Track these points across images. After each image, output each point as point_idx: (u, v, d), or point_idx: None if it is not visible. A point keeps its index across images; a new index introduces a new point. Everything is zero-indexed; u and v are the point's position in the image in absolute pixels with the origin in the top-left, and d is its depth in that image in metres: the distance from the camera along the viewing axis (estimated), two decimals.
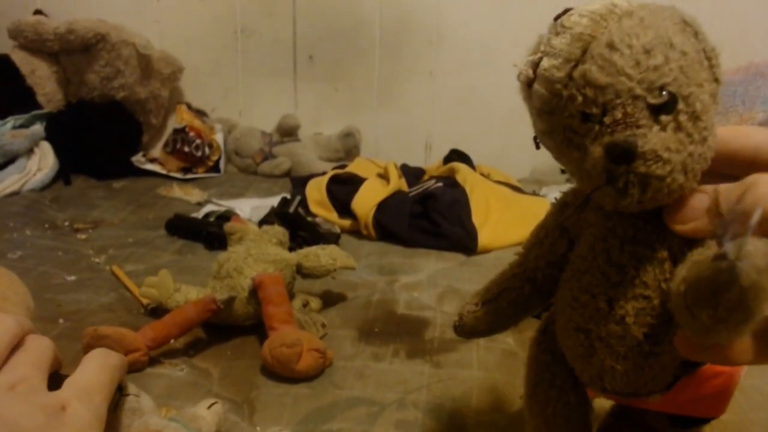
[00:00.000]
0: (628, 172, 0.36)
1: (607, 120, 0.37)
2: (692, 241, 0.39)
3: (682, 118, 0.37)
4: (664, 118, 0.36)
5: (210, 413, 0.62)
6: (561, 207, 0.47)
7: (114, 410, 0.49)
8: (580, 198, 0.45)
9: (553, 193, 1.47)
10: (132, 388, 0.52)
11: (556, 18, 0.40)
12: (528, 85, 0.40)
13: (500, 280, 0.51)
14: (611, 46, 0.36)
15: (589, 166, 0.38)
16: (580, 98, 0.37)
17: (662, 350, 0.42)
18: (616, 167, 0.36)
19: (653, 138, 0.36)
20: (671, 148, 0.36)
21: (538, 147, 0.44)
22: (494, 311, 0.51)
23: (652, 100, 0.36)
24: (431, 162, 1.79)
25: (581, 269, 0.44)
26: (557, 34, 0.39)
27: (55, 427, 0.38)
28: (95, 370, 0.45)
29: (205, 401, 0.64)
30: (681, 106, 0.36)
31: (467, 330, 0.53)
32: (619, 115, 0.36)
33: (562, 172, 1.75)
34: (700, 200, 0.38)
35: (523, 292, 0.50)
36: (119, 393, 0.49)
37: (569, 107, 0.38)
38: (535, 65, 0.39)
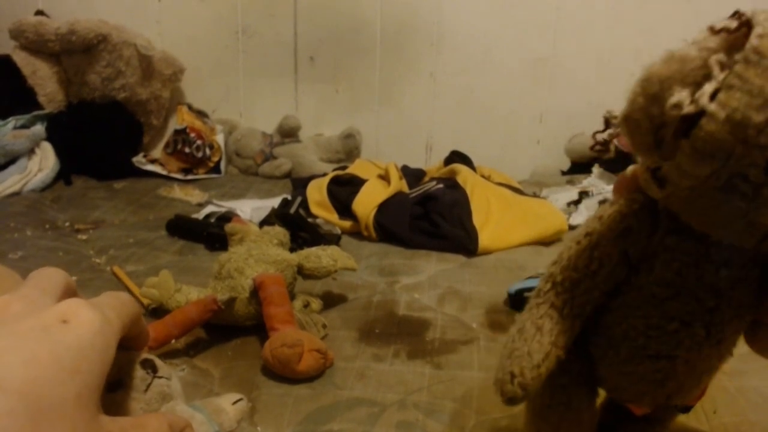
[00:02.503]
0: None
1: None
2: None
3: None
4: None
5: (234, 409, 0.62)
6: (623, 233, 0.42)
7: (145, 391, 0.48)
8: (648, 224, 0.41)
9: (554, 195, 1.48)
10: (164, 369, 0.51)
11: (733, 30, 0.33)
12: (686, 120, 0.33)
13: (550, 327, 0.45)
14: None
15: (756, 227, 0.34)
16: None
17: (728, 357, 0.42)
18: None
19: None
20: None
21: (662, 185, 0.37)
22: (552, 364, 0.45)
23: None
24: (432, 163, 1.79)
25: (661, 296, 0.41)
26: (749, 62, 0.32)
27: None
28: (107, 296, 0.38)
29: (230, 395, 0.64)
30: None
31: (530, 394, 0.45)
32: None
33: (563, 173, 1.75)
34: None
35: (574, 332, 0.45)
36: (152, 373, 0.48)
37: (754, 155, 0.32)
38: (709, 97, 0.32)
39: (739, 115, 0.31)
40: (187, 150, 1.73)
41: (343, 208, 1.36)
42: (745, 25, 0.33)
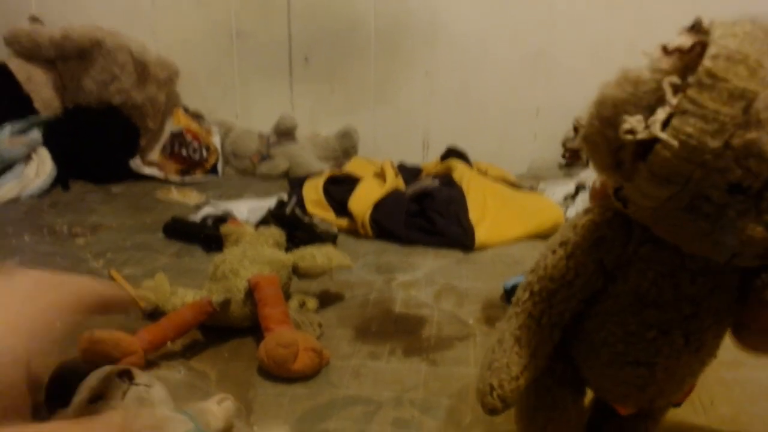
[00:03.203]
0: None
1: None
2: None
3: None
4: None
5: (220, 409, 0.62)
6: (597, 243, 0.42)
7: (122, 398, 0.49)
8: (621, 233, 0.41)
9: (551, 189, 1.47)
10: (143, 377, 0.52)
11: (686, 50, 0.32)
12: (642, 144, 0.32)
13: (528, 337, 0.45)
14: None
15: (736, 242, 0.34)
16: (738, 171, 0.31)
17: (711, 359, 0.42)
18: None
19: None
20: None
21: (625, 205, 0.37)
22: (533, 374, 0.46)
23: None
24: (429, 159, 1.79)
25: (638, 304, 0.41)
26: (703, 86, 0.31)
27: None
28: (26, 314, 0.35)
29: (216, 396, 0.65)
30: None
31: (510, 405, 0.46)
32: None
33: (560, 167, 1.75)
34: None
35: (553, 340, 0.45)
36: (128, 381, 0.50)
37: (714, 178, 0.32)
38: (662, 124, 0.31)
39: (694, 141, 0.31)
40: (184, 152, 1.74)
41: (340, 207, 1.36)
42: (699, 44, 0.32)
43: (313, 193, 1.41)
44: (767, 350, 0.39)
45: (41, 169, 1.59)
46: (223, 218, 1.30)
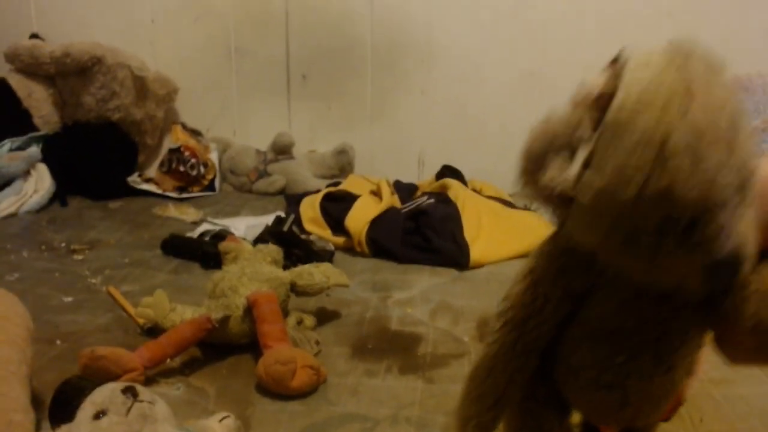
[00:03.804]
0: (732, 277, 0.33)
1: (700, 235, 0.31)
2: None
3: (749, 194, 0.32)
4: (743, 207, 0.32)
5: (221, 426, 0.64)
6: (561, 270, 0.42)
7: (126, 414, 0.50)
8: (583, 260, 0.41)
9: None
10: (147, 394, 0.53)
11: (596, 98, 0.32)
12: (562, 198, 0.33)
13: (503, 366, 0.45)
14: (692, 147, 0.30)
15: (668, 278, 0.34)
16: (660, 213, 0.31)
17: (688, 377, 0.43)
18: (720, 280, 0.33)
19: (747, 233, 0.32)
20: (751, 232, 0.33)
21: (568, 240, 0.38)
22: (509, 403, 0.47)
23: (740, 197, 0.32)
24: (424, 177, 1.81)
25: (605, 329, 0.41)
26: (611, 137, 0.31)
27: None
28: None
29: (217, 414, 0.66)
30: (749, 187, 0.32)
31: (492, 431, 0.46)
32: (716, 227, 0.31)
33: None
34: None
35: (530, 366, 0.45)
36: (132, 398, 0.51)
37: (639, 219, 0.32)
38: (576, 177, 0.32)
39: (607, 192, 0.31)
40: (181, 168, 1.75)
41: (336, 224, 1.37)
42: (608, 92, 0.32)
43: (310, 210, 1.42)
44: (746, 363, 0.39)
45: (40, 184, 1.60)
46: (220, 235, 1.31)
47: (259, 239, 1.25)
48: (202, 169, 1.77)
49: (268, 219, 1.42)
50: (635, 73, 0.31)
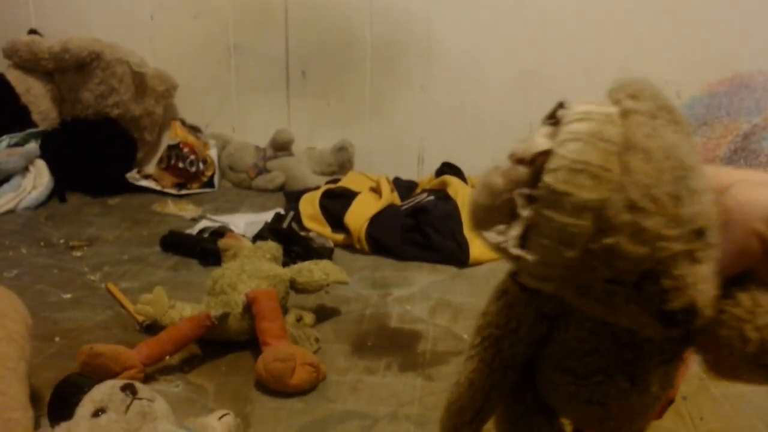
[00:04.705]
0: (687, 325, 0.33)
1: (651, 290, 0.32)
2: None
3: (710, 235, 0.32)
4: (700, 254, 0.32)
5: (221, 424, 0.64)
6: (534, 294, 0.42)
7: (125, 412, 0.50)
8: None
9: None
10: (146, 392, 0.53)
11: (530, 161, 0.32)
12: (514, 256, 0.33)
13: (481, 381, 0.45)
14: (633, 207, 0.30)
15: (628, 323, 0.35)
16: (606, 271, 0.32)
17: (670, 387, 0.43)
18: (675, 327, 0.33)
19: (703, 285, 0.32)
20: (711, 279, 0.33)
21: (523, 289, 0.39)
22: (490, 415, 0.47)
23: (693, 247, 0.31)
24: (424, 174, 1.81)
25: (581, 351, 0.41)
26: (548, 201, 0.31)
27: None
28: None
29: (217, 412, 0.66)
30: (709, 229, 0.32)
31: None
32: (667, 283, 0.31)
33: None
34: None
35: (508, 381, 0.46)
36: (131, 395, 0.51)
37: (587, 275, 0.32)
38: (517, 240, 0.32)
39: (549, 253, 0.31)
40: (180, 165, 1.74)
41: (336, 221, 1.37)
42: (544, 153, 0.31)
43: (309, 207, 1.42)
44: (726, 380, 0.39)
45: (38, 181, 1.60)
46: (220, 232, 1.30)
47: (259, 236, 1.24)
48: (201, 166, 1.77)
49: (268, 216, 1.42)
50: (571, 131, 0.30)
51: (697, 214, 0.31)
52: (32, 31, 1.82)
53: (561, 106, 0.33)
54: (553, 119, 0.33)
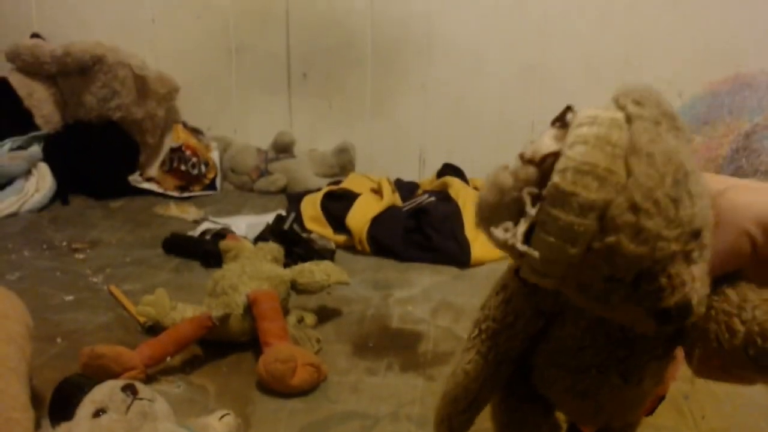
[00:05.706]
0: (681, 323, 0.34)
1: (647, 287, 0.33)
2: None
3: (705, 236, 0.33)
4: (695, 254, 0.33)
5: (221, 424, 0.64)
6: (533, 290, 0.43)
7: (125, 412, 0.50)
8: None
9: None
10: (146, 392, 0.53)
11: (539, 162, 0.33)
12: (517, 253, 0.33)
13: (476, 373, 0.46)
14: (635, 209, 0.31)
15: (624, 320, 0.36)
16: (606, 269, 0.33)
17: (660, 385, 0.44)
18: (670, 324, 0.34)
19: (697, 284, 0.33)
20: (704, 278, 0.34)
21: (524, 284, 0.40)
22: (482, 405, 0.48)
23: (689, 247, 0.32)
24: (425, 175, 1.81)
25: (576, 346, 0.42)
26: (555, 200, 0.31)
27: None
28: None
29: (218, 412, 0.66)
30: (705, 231, 0.33)
31: None
32: (663, 281, 0.32)
33: None
34: None
35: (502, 374, 0.47)
36: (132, 395, 0.51)
37: (587, 272, 0.33)
38: (523, 236, 0.33)
39: (554, 251, 0.32)
40: (182, 168, 1.75)
41: (337, 223, 1.37)
42: (552, 154, 0.33)
43: (311, 209, 1.42)
44: (712, 379, 0.40)
45: (41, 184, 1.60)
46: (221, 234, 1.31)
47: (260, 238, 1.25)
48: (203, 168, 1.77)
49: (269, 217, 1.42)
50: (580, 135, 0.32)
51: (695, 216, 0.32)
52: (35, 35, 1.82)
53: (569, 109, 0.34)
54: (561, 122, 0.34)
